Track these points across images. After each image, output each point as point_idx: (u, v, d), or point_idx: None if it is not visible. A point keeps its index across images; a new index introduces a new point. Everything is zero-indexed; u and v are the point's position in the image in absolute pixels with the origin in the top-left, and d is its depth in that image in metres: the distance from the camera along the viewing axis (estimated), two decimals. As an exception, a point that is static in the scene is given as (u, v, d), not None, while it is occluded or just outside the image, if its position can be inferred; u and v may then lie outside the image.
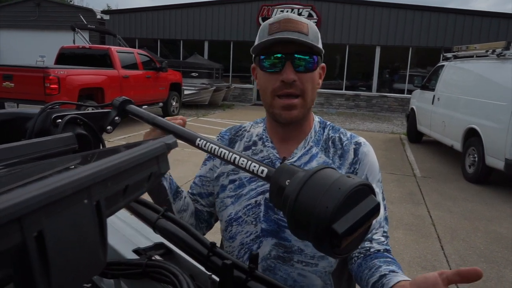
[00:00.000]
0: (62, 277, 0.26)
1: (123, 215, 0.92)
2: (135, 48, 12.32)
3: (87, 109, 0.85)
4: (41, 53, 16.46)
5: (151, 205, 0.75)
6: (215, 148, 0.67)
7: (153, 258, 0.66)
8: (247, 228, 0.99)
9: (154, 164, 0.40)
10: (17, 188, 0.25)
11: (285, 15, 0.93)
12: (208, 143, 0.68)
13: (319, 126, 1.05)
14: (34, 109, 0.74)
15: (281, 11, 14.43)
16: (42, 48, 17.52)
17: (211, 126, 9.27)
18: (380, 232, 0.96)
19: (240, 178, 1.02)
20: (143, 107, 8.37)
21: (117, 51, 8.73)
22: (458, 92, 6.55)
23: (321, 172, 0.52)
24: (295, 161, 0.99)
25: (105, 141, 0.77)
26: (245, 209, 1.00)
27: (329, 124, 1.07)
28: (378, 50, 14.76)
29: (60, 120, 0.70)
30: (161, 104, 10.08)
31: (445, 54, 7.81)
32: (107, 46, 9.53)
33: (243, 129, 1.11)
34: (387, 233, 0.98)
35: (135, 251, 0.73)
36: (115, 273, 0.64)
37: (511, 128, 4.90)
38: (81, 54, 8.89)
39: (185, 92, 11.55)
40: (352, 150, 1.01)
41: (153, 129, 0.88)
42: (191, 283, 0.57)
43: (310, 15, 14.59)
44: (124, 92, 8.27)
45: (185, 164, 5.61)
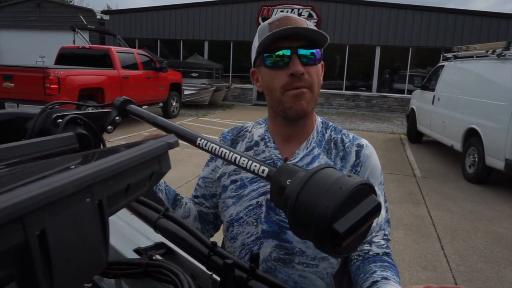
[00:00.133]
0: (64, 276, 0.26)
1: (123, 214, 0.92)
2: (135, 48, 12.32)
3: (88, 109, 0.85)
4: (41, 53, 16.48)
5: (151, 204, 0.75)
6: (216, 148, 0.67)
7: (154, 258, 0.66)
8: (248, 229, 0.99)
9: (156, 163, 0.40)
10: (19, 187, 0.25)
11: (284, 14, 0.94)
12: (209, 143, 0.68)
13: (322, 127, 1.05)
14: (34, 109, 0.74)
15: (281, 11, 14.42)
16: (42, 48, 17.53)
17: (211, 126, 9.27)
18: (381, 235, 0.96)
19: (241, 179, 1.02)
20: (143, 107, 8.35)
21: (117, 51, 8.73)
22: (458, 92, 6.55)
23: (322, 171, 0.52)
24: (297, 162, 0.98)
25: (105, 141, 0.77)
26: (246, 209, 0.99)
27: (331, 125, 1.07)
28: (378, 50, 14.77)
29: (60, 120, 0.70)
30: (161, 104, 10.08)
31: (445, 54, 7.81)
32: (107, 46, 9.53)
33: (245, 130, 1.10)
34: (388, 236, 0.97)
35: (136, 251, 0.73)
36: (116, 273, 0.64)
37: (511, 128, 4.91)
38: (81, 54, 8.90)
39: (185, 92, 11.55)
40: (354, 152, 1.00)
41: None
42: (192, 282, 0.57)
43: (310, 15, 14.60)
44: (124, 92, 8.27)
45: (185, 164, 5.61)
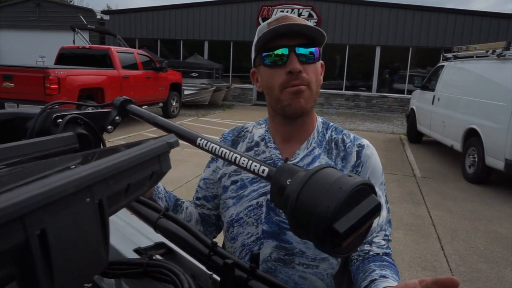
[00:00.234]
0: (65, 275, 0.26)
1: (123, 214, 0.91)
2: (135, 48, 12.32)
3: (88, 109, 0.85)
4: (41, 53, 16.46)
5: (152, 204, 0.75)
6: (216, 148, 0.67)
7: (154, 258, 0.66)
8: (248, 230, 0.99)
9: (156, 163, 0.40)
10: (19, 187, 0.24)
11: (283, 14, 0.95)
12: (209, 143, 0.68)
13: (322, 127, 1.04)
14: (34, 109, 0.74)
15: (281, 11, 14.42)
16: (42, 48, 17.53)
17: (211, 126, 9.27)
18: (381, 235, 0.96)
19: (242, 179, 1.02)
20: (143, 107, 8.34)
21: (117, 51, 8.73)
22: (458, 92, 6.55)
23: (322, 171, 0.52)
24: (297, 162, 0.98)
25: (105, 141, 0.77)
26: (246, 210, 0.99)
27: (332, 125, 1.06)
28: (378, 50, 14.77)
29: (60, 120, 0.70)
30: (161, 104, 10.08)
31: (445, 54, 7.81)
32: (107, 46, 9.53)
33: (245, 130, 1.10)
34: (388, 237, 0.97)
35: (136, 251, 0.73)
36: (116, 273, 0.64)
37: (511, 128, 4.91)
38: (81, 54, 8.90)
39: (185, 92, 11.55)
40: (355, 152, 1.00)
41: None
42: (192, 282, 0.57)
43: (310, 15, 14.61)
44: (124, 92, 8.27)
45: (185, 164, 5.61)
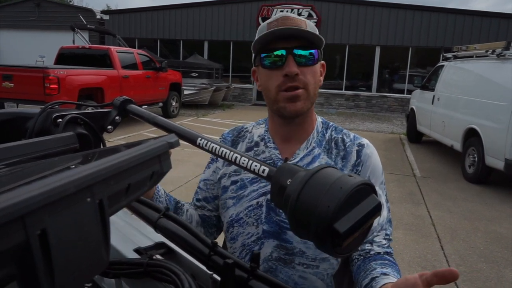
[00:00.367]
0: (65, 275, 0.26)
1: (124, 214, 0.91)
2: (134, 48, 12.31)
3: (88, 109, 0.85)
4: (40, 53, 16.45)
5: (152, 204, 0.75)
6: (216, 148, 0.66)
7: (154, 258, 0.66)
8: (249, 230, 0.99)
9: (156, 163, 0.40)
10: (20, 187, 0.24)
11: (283, 14, 0.94)
12: (209, 143, 0.68)
13: (322, 127, 1.04)
14: (34, 109, 0.74)
15: (280, 11, 14.42)
16: (41, 48, 17.51)
17: (211, 126, 9.27)
18: (382, 234, 0.96)
19: (242, 179, 1.02)
20: (143, 107, 8.33)
21: (117, 51, 8.73)
22: (458, 92, 6.55)
23: (322, 171, 0.52)
24: (297, 162, 0.98)
25: (105, 141, 0.77)
26: (246, 210, 0.99)
27: (332, 124, 1.06)
28: (378, 50, 14.77)
29: (60, 120, 0.69)
30: (161, 104, 10.07)
31: (445, 54, 7.81)
32: (107, 46, 9.52)
33: (245, 130, 1.10)
34: (389, 236, 0.97)
35: (136, 251, 0.72)
36: (116, 273, 0.64)
37: (511, 128, 4.91)
38: (80, 54, 8.89)
39: (185, 92, 11.55)
40: (355, 151, 1.00)
41: None
42: (192, 282, 0.56)
43: (310, 15, 14.60)
44: (124, 92, 8.27)
45: (185, 164, 5.60)
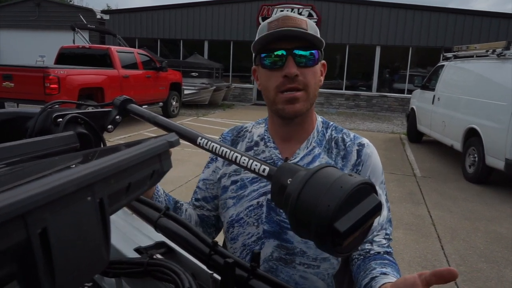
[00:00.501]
0: (66, 274, 0.26)
1: (124, 213, 0.91)
2: (135, 48, 12.31)
3: (88, 108, 0.85)
4: (41, 53, 16.47)
5: (152, 204, 0.75)
6: (217, 147, 0.66)
7: (154, 257, 0.66)
8: (249, 230, 0.99)
9: (157, 162, 0.40)
10: (21, 186, 0.24)
11: (284, 13, 0.93)
12: (210, 142, 0.68)
13: (322, 126, 1.04)
14: (35, 109, 0.74)
15: (281, 10, 14.41)
16: (42, 48, 17.52)
17: (211, 126, 9.27)
18: (382, 234, 0.96)
19: (242, 179, 1.01)
20: (143, 106, 8.34)
21: (117, 51, 8.73)
22: (458, 92, 6.55)
23: (322, 170, 0.52)
24: (297, 162, 0.98)
25: (106, 140, 0.77)
26: (247, 210, 0.99)
27: (332, 124, 1.06)
28: (378, 50, 14.76)
29: (61, 119, 0.69)
30: (161, 103, 10.08)
31: (445, 54, 7.81)
32: (107, 46, 9.53)
33: (244, 130, 1.10)
34: (389, 235, 0.97)
35: (136, 250, 0.72)
36: (117, 272, 0.64)
37: (511, 128, 4.90)
38: (81, 54, 8.89)
39: (185, 91, 11.55)
40: (355, 151, 1.00)
41: None
42: (192, 281, 0.56)
43: (310, 15, 14.59)
44: (124, 91, 8.26)
45: (185, 164, 5.61)
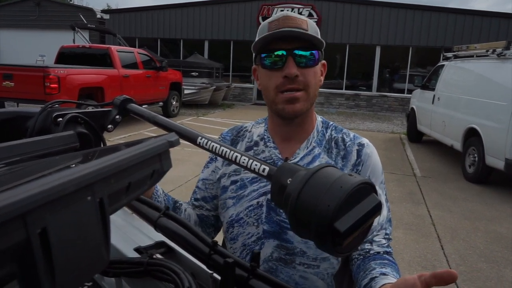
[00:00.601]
0: (66, 274, 0.26)
1: (124, 213, 0.91)
2: (135, 47, 12.31)
3: (88, 108, 0.85)
4: (41, 53, 16.46)
5: (152, 203, 0.75)
6: (217, 147, 0.66)
7: (154, 257, 0.66)
8: (249, 230, 0.99)
9: (157, 162, 0.40)
10: (21, 185, 0.24)
11: (284, 13, 0.93)
12: (210, 142, 0.68)
13: (322, 126, 1.04)
14: (35, 108, 0.74)
15: (281, 10, 14.40)
16: (42, 48, 17.51)
17: (211, 126, 9.27)
18: (382, 234, 0.96)
19: (242, 179, 1.01)
20: (143, 106, 8.33)
21: (117, 50, 8.72)
22: (458, 92, 6.55)
23: (322, 170, 0.52)
24: (297, 162, 0.97)
25: (106, 140, 0.77)
26: (246, 210, 0.99)
27: (332, 124, 1.06)
28: (378, 49, 14.76)
29: (61, 119, 0.69)
30: (161, 103, 10.07)
31: (445, 54, 7.80)
32: (107, 46, 9.53)
33: (244, 129, 1.10)
34: (389, 235, 0.97)
35: (136, 250, 0.72)
36: (117, 272, 0.64)
37: (511, 128, 4.90)
38: (81, 53, 8.89)
39: (185, 91, 11.55)
40: (355, 151, 1.00)
41: None
42: (192, 281, 0.56)
43: (310, 15, 14.59)
44: (124, 91, 8.26)
45: (185, 164, 5.60)
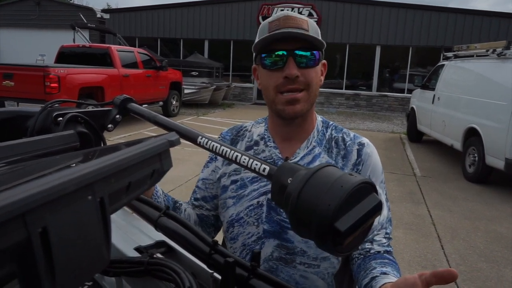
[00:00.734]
0: (67, 273, 0.26)
1: (124, 213, 0.91)
2: (135, 47, 12.31)
3: (88, 108, 0.85)
4: (41, 52, 16.46)
5: (152, 203, 0.75)
6: (217, 146, 0.66)
7: (154, 256, 0.66)
8: (249, 229, 0.98)
9: (157, 161, 0.40)
10: (21, 185, 0.24)
11: (285, 13, 0.93)
12: (210, 141, 0.68)
13: (322, 126, 1.04)
14: (35, 108, 0.74)
15: (281, 10, 14.39)
16: (42, 47, 17.50)
17: (211, 125, 9.27)
18: (382, 233, 0.96)
19: (242, 179, 1.01)
20: (143, 106, 8.32)
21: (117, 50, 8.72)
22: (459, 92, 6.55)
23: (323, 170, 0.52)
24: (297, 161, 0.97)
25: (106, 140, 0.77)
26: (247, 210, 0.99)
27: (332, 124, 1.06)
28: (378, 49, 14.75)
29: (61, 118, 0.69)
30: (161, 103, 10.07)
31: (445, 54, 7.80)
32: (107, 45, 9.52)
33: (244, 129, 1.10)
34: (389, 235, 0.97)
35: (137, 249, 0.72)
36: (117, 271, 0.64)
37: (511, 127, 4.90)
38: (81, 53, 8.89)
39: (185, 91, 11.55)
40: (355, 151, 1.00)
41: None
42: (193, 281, 0.56)
43: (310, 14, 14.58)
44: (124, 91, 8.26)
45: (185, 163, 5.60)
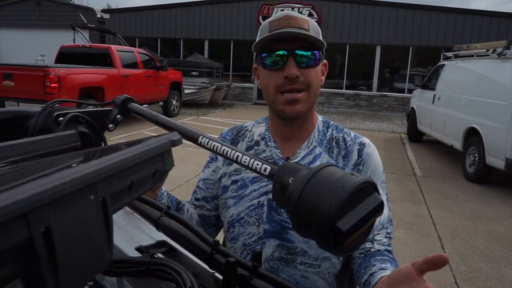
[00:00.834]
0: (69, 273, 0.26)
1: (125, 213, 0.91)
2: (135, 47, 12.31)
3: (88, 108, 0.84)
4: (41, 52, 16.45)
5: (153, 203, 0.75)
6: (218, 146, 0.66)
7: (155, 256, 0.66)
8: (250, 229, 0.98)
9: (159, 161, 0.40)
10: (23, 184, 0.24)
11: (285, 13, 0.93)
12: (211, 141, 0.68)
13: (323, 126, 1.04)
14: (35, 108, 0.74)
15: (281, 10, 14.39)
16: (42, 47, 17.50)
17: (211, 125, 9.27)
18: (383, 233, 0.96)
19: (242, 179, 1.01)
20: (144, 106, 8.32)
21: (117, 50, 8.72)
22: (459, 92, 6.55)
23: (324, 170, 0.52)
24: (298, 161, 0.97)
25: (107, 140, 0.77)
26: (247, 210, 0.99)
27: (333, 123, 1.06)
28: (378, 49, 14.75)
29: (62, 118, 0.69)
30: (161, 103, 10.07)
31: (445, 54, 7.80)
32: (107, 45, 9.52)
33: (244, 129, 1.10)
34: (390, 235, 0.97)
35: (138, 249, 0.72)
36: (118, 271, 0.64)
37: (512, 127, 4.91)
38: (81, 53, 8.88)
39: (186, 91, 11.55)
40: (356, 150, 1.00)
41: None
42: (194, 281, 0.56)
43: (310, 14, 14.58)
44: (125, 91, 8.25)
45: (186, 163, 5.60)
